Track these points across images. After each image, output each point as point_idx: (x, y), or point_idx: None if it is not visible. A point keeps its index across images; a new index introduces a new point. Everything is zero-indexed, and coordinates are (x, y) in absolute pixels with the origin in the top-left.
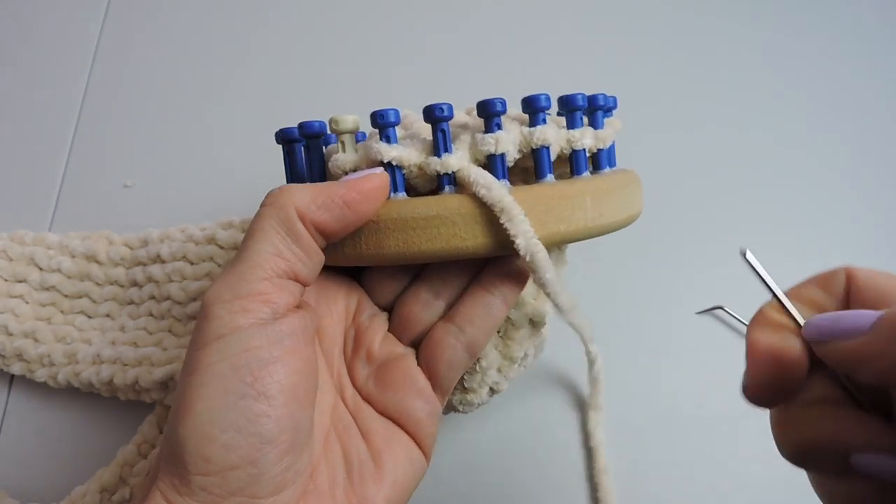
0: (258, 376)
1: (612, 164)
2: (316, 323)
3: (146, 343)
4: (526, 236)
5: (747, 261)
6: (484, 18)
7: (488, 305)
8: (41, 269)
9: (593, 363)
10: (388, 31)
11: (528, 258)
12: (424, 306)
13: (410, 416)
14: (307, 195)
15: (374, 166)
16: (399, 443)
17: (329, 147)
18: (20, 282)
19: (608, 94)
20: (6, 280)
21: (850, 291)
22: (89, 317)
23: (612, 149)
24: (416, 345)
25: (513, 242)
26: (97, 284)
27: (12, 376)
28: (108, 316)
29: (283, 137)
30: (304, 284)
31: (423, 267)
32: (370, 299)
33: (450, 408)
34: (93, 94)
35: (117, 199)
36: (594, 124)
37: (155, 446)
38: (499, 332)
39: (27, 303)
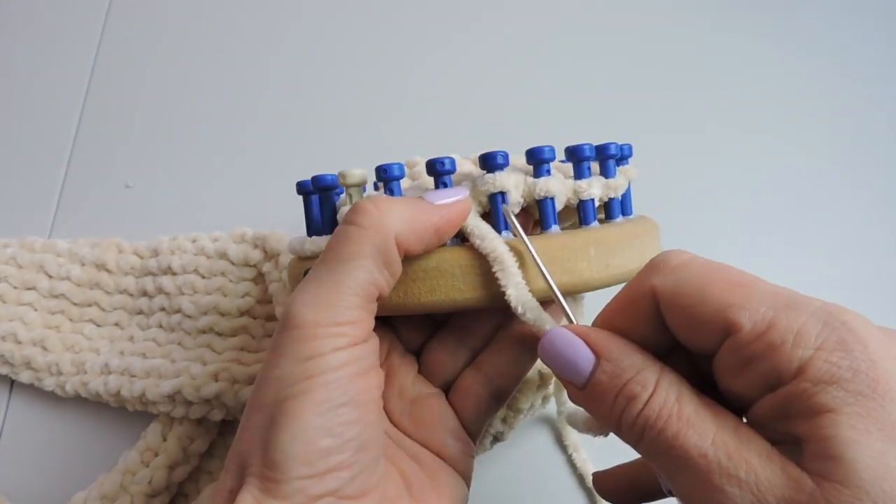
0: (349, 388)
1: (626, 212)
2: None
3: (155, 354)
4: (517, 287)
5: (541, 269)
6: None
7: (517, 356)
8: (50, 276)
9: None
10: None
11: (519, 309)
12: (450, 353)
13: (445, 452)
14: (405, 222)
15: None
16: (445, 468)
17: (341, 198)
18: (29, 289)
19: (621, 143)
20: (15, 288)
21: (660, 308)
22: (98, 325)
23: (626, 197)
24: (446, 388)
25: (503, 294)
26: (106, 293)
27: (13, 382)
28: (117, 325)
29: (300, 190)
30: None
31: (448, 315)
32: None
33: None
34: (94, 95)
35: (119, 200)
36: (605, 173)
37: (158, 454)
38: None
39: (36, 310)
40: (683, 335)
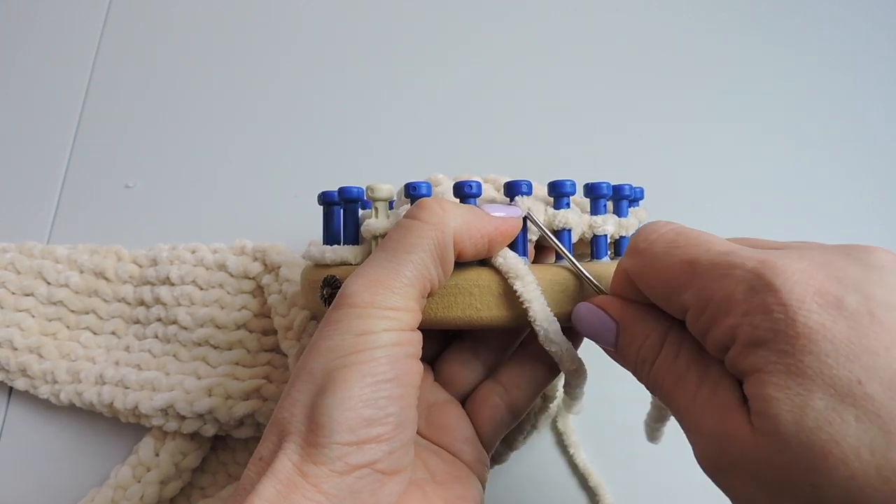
0: (395, 366)
1: None
2: None
3: (150, 366)
4: (539, 301)
5: (550, 238)
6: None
7: (534, 371)
8: (49, 283)
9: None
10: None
11: (541, 327)
12: (464, 365)
13: (461, 458)
14: (463, 224)
15: None
16: (463, 466)
17: (364, 212)
18: (27, 295)
19: (634, 185)
20: (13, 293)
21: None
22: (95, 333)
23: None
24: (462, 400)
25: (526, 311)
26: (104, 301)
27: (11, 388)
28: (113, 334)
29: (324, 200)
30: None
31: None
32: None
33: None
34: (94, 95)
35: (119, 200)
36: (618, 212)
37: (150, 469)
38: None
39: (33, 317)
40: (661, 306)
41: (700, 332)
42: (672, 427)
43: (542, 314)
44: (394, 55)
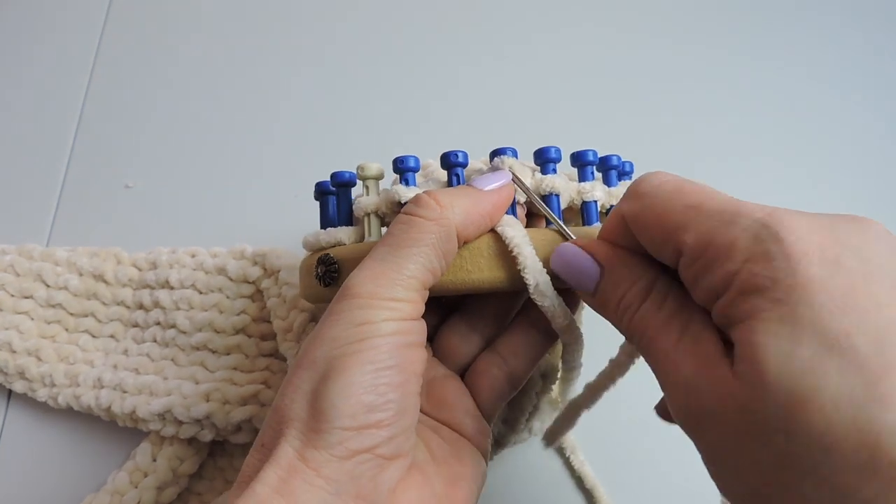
0: (396, 354)
1: None
2: None
3: (148, 370)
4: (528, 247)
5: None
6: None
7: (532, 339)
8: (48, 285)
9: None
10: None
11: (526, 270)
12: (462, 339)
13: (463, 430)
14: (463, 213)
15: (395, 207)
16: (464, 441)
17: (357, 195)
18: (26, 298)
19: (624, 158)
20: (13, 296)
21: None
22: (94, 336)
23: None
24: (461, 373)
25: (516, 259)
26: (103, 304)
27: (10, 391)
28: (112, 337)
29: (319, 190)
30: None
31: (460, 300)
32: None
33: None
34: (94, 94)
35: (119, 201)
36: (607, 183)
37: (147, 475)
38: None
39: (32, 319)
40: (651, 252)
41: (692, 277)
42: (668, 430)
43: (531, 261)
44: (394, 56)
